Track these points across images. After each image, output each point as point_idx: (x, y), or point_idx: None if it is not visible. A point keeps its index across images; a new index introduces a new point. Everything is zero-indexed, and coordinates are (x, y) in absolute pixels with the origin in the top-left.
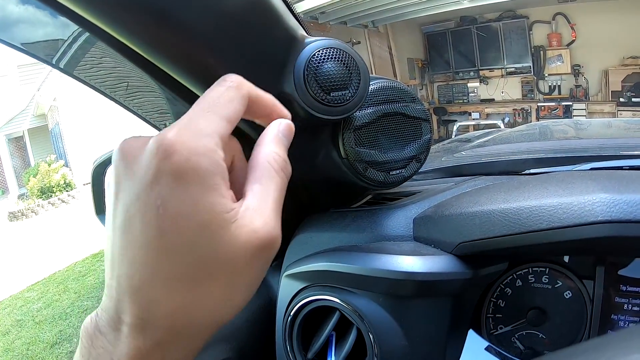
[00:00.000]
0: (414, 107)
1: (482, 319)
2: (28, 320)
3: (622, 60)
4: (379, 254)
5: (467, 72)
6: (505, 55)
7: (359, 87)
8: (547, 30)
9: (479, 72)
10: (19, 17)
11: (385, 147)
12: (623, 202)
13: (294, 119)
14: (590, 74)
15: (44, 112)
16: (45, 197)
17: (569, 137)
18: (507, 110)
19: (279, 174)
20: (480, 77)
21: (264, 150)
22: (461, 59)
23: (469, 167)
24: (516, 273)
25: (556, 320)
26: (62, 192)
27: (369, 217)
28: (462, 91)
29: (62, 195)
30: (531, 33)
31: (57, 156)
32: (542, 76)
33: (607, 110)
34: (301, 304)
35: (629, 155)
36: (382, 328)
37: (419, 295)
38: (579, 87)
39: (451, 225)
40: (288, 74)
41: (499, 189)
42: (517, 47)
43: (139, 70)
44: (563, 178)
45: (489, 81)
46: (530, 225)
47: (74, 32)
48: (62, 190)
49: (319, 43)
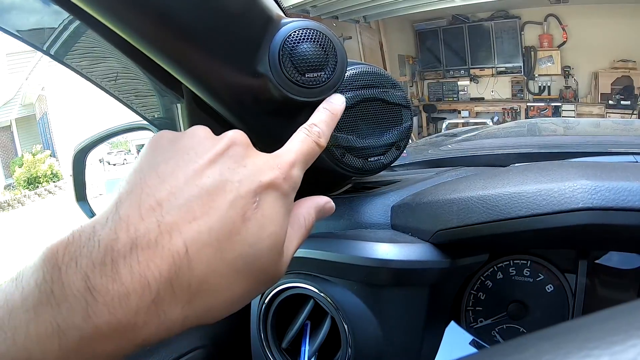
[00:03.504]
0: (394, 93)
1: (462, 311)
2: None
3: (612, 63)
4: (354, 241)
5: (458, 70)
6: (496, 55)
7: (335, 69)
8: (539, 31)
9: (469, 71)
10: (11, 3)
11: (364, 133)
12: (605, 188)
13: (269, 101)
14: (580, 75)
15: (31, 102)
16: (32, 187)
17: (557, 134)
18: (497, 109)
19: (305, 229)
20: (470, 75)
21: (305, 207)
22: (452, 57)
23: (453, 159)
24: (497, 265)
25: (537, 314)
26: (48, 183)
27: (346, 205)
28: (452, 89)
29: (49, 186)
30: (523, 33)
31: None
32: (532, 76)
33: (596, 112)
34: (275, 292)
35: (617, 152)
36: (356, 317)
37: (395, 284)
38: (568, 88)
39: (429, 212)
40: (263, 55)
41: (478, 177)
42: (508, 47)
43: (125, 59)
44: (544, 166)
45: (479, 80)
46: (509, 212)
47: (64, 19)
48: (48, 180)
49: (295, 24)
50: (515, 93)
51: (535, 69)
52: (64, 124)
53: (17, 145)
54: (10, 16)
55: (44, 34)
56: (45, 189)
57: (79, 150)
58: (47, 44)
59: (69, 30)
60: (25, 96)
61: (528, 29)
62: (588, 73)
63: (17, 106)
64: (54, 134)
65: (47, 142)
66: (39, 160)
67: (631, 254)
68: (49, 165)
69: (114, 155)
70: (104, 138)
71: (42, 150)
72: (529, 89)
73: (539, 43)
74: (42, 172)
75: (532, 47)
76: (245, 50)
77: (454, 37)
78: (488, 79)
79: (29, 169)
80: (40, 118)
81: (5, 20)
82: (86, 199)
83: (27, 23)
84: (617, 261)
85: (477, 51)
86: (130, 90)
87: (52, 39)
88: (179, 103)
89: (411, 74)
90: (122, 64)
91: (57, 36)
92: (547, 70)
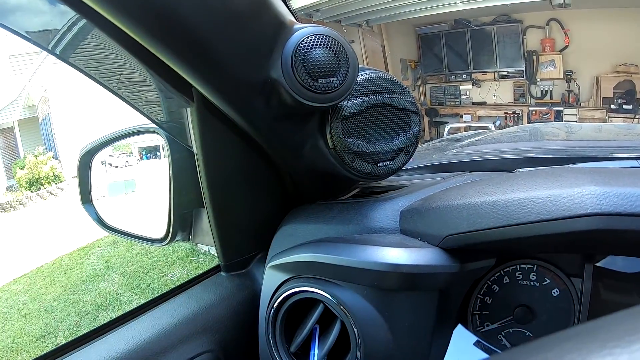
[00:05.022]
0: (403, 99)
1: (469, 315)
2: (13, 313)
3: (614, 67)
4: (364, 246)
5: (460, 75)
6: (498, 59)
7: (347, 75)
8: (541, 35)
9: (471, 75)
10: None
11: (374, 138)
12: (613, 194)
13: (280, 106)
14: (582, 79)
15: (34, 104)
16: (33, 189)
17: (560, 139)
18: (499, 113)
19: None
20: (472, 79)
21: None
22: (454, 61)
23: (459, 164)
24: (503, 270)
25: (543, 318)
26: (50, 185)
27: (355, 210)
28: (454, 93)
29: (51, 188)
30: (525, 37)
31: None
32: (535, 80)
33: (598, 116)
34: (285, 296)
35: (620, 157)
36: (366, 321)
37: (404, 288)
38: (570, 92)
39: (438, 217)
40: (275, 60)
41: (487, 182)
42: (511, 51)
43: (135, 61)
44: (552, 172)
45: (481, 84)
46: (519, 217)
47: (70, 18)
48: (50, 182)
49: (308, 30)
50: (517, 97)
51: (538, 73)
52: (67, 126)
53: (19, 146)
54: (15, 17)
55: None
56: (47, 190)
57: (85, 153)
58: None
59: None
60: (28, 98)
61: (530, 33)
62: (590, 77)
63: (19, 107)
64: (57, 136)
65: (49, 144)
66: (41, 162)
67: (635, 258)
68: (51, 167)
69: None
70: (110, 141)
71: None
72: (531, 93)
73: (541, 47)
74: (44, 173)
75: (534, 51)
76: (257, 55)
77: (456, 41)
78: (490, 83)
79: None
80: (42, 120)
81: (12, 21)
82: (92, 201)
83: (33, 23)
84: (621, 265)
85: (479, 55)
86: (137, 93)
87: (58, 38)
88: (188, 107)
89: (413, 78)
90: (129, 66)
91: (62, 36)
92: (549, 75)
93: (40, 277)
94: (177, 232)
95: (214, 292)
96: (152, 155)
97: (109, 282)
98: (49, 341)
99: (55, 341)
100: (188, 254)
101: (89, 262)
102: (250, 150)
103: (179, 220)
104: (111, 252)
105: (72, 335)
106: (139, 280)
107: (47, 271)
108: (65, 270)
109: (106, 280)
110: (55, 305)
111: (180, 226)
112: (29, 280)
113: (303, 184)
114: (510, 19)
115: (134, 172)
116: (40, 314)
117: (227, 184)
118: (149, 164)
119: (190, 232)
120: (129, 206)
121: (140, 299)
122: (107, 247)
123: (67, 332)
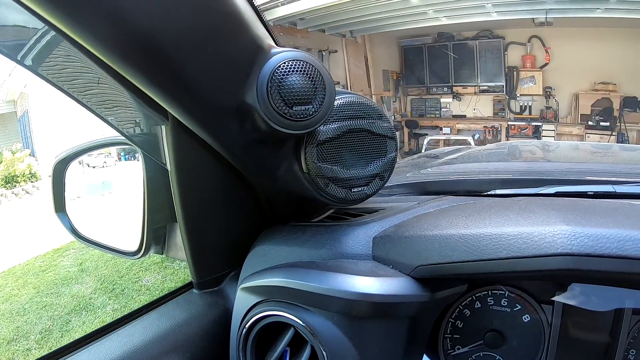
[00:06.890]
0: (381, 124)
1: (440, 339)
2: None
3: (592, 85)
4: (335, 273)
5: (441, 87)
6: (479, 73)
7: (323, 102)
8: (522, 52)
9: (452, 88)
10: None
11: (349, 163)
12: (584, 235)
13: (254, 131)
14: (561, 96)
15: (13, 99)
16: (8, 186)
17: (537, 158)
18: (478, 127)
19: None
20: (453, 93)
21: None
22: (436, 74)
23: (434, 184)
24: (475, 295)
25: (513, 343)
26: (26, 183)
27: (328, 234)
28: (435, 106)
29: (27, 186)
30: (506, 53)
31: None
32: (514, 96)
33: (576, 132)
34: (256, 319)
35: (594, 180)
36: (336, 347)
37: (375, 316)
38: (549, 108)
39: (410, 247)
40: (251, 85)
41: (460, 212)
42: (492, 66)
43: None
44: (525, 206)
45: (461, 97)
46: (490, 253)
47: (40, 29)
48: (26, 180)
49: (285, 55)
50: (496, 112)
51: (517, 88)
52: (44, 124)
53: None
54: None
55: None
56: (23, 188)
57: (60, 160)
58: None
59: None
60: (8, 92)
61: (512, 49)
62: (569, 94)
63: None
64: (34, 133)
65: (26, 141)
66: (18, 159)
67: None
68: (28, 165)
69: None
70: (85, 150)
71: (21, 149)
72: (510, 108)
73: (522, 63)
74: (20, 171)
75: (515, 67)
76: (232, 80)
77: (439, 55)
78: (470, 96)
79: (7, 167)
80: (20, 116)
81: None
82: (65, 210)
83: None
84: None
85: (460, 69)
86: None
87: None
88: (163, 125)
89: (395, 90)
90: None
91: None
92: (528, 90)
93: (13, 278)
94: (150, 245)
95: (186, 310)
96: (131, 157)
97: (82, 286)
98: (20, 344)
99: (27, 345)
100: (163, 260)
101: (63, 264)
102: (224, 170)
103: (152, 234)
104: (86, 254)
105: (44, 340)
106: (113, 285)
107: (20, 272)
108: (39, 272)
109: (80, 283)
110: (28, 307)
111: (153, 240)
112: (1, 281)
113: (278, 204)
114: (492, 35)
115: (112, 173)
116: (12, 316)
117: (201, 202)
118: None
119: (163, 246)
120: (105, 208)
121: (113, 304)
122: (81, 249)
123: (38, 335)
